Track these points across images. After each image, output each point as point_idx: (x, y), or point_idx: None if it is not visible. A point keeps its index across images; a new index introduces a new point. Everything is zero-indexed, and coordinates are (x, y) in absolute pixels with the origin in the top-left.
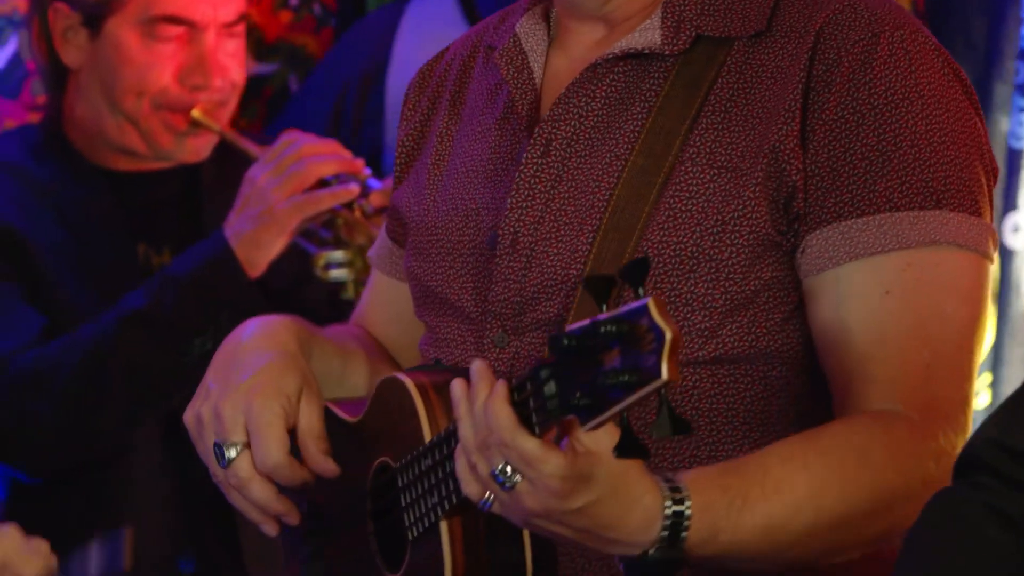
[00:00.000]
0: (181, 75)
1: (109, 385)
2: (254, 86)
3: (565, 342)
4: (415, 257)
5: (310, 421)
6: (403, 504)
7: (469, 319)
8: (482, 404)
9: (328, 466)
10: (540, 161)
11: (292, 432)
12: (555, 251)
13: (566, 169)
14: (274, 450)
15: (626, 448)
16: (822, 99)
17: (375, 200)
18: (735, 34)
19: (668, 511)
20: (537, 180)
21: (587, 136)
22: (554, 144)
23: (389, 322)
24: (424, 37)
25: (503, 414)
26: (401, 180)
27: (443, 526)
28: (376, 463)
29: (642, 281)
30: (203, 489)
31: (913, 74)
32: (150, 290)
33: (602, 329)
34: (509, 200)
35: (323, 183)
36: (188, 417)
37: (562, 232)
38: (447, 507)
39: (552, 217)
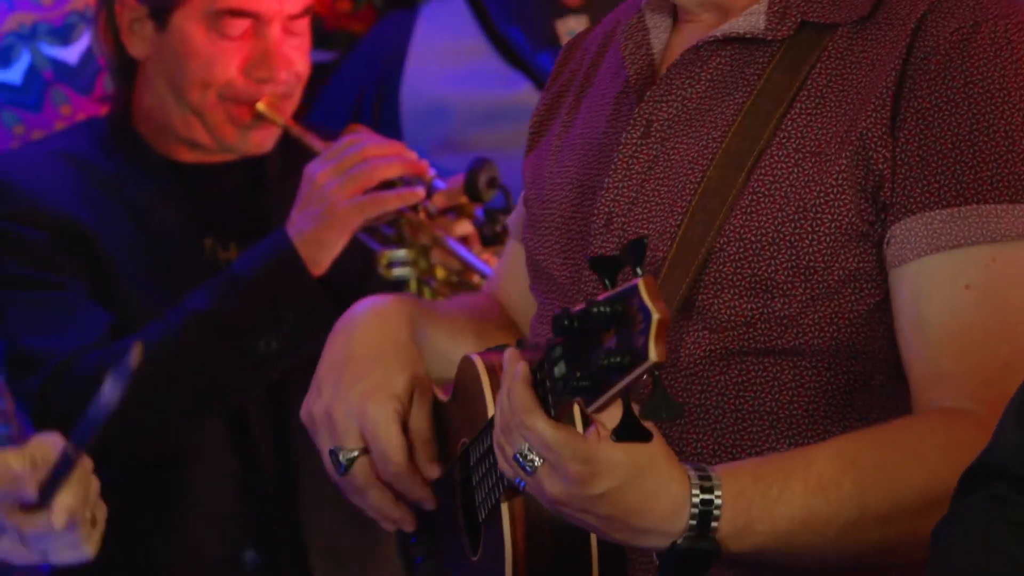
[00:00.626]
0: (246, 68)
1: (174, 386)
2: (314, 73)
3: (566, 322)
4: (530, 229)
5: (418, 424)
6: (473, 484)
7: (565, 295)
8: (506, 386)
9: (433, 471)
10: (639, 142)
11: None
12: (644, 231)
13: (663, 150)
14: (395, 458)
15: (625, 431)
16: (916, 86)
17: (439, 201)
18: (840, 20)
19: (696, 499)
20: (635, 160)
21: (687, 118)
22: (654, 125)
23: (517, 292)
24: (437, 42)
25: (519, 394)
26: (531, 149)
27: (504, 507)
28: (460, 443)
29: (640, 261)
30: (267, 484)
31: (1013, 64)
32: (213, 290)
33: (597, 310)
34: (607, 179)
35: (388, 184)
36: (303, 414)
37: (653, 213)
38: (503, 487)
39: (645, 198)
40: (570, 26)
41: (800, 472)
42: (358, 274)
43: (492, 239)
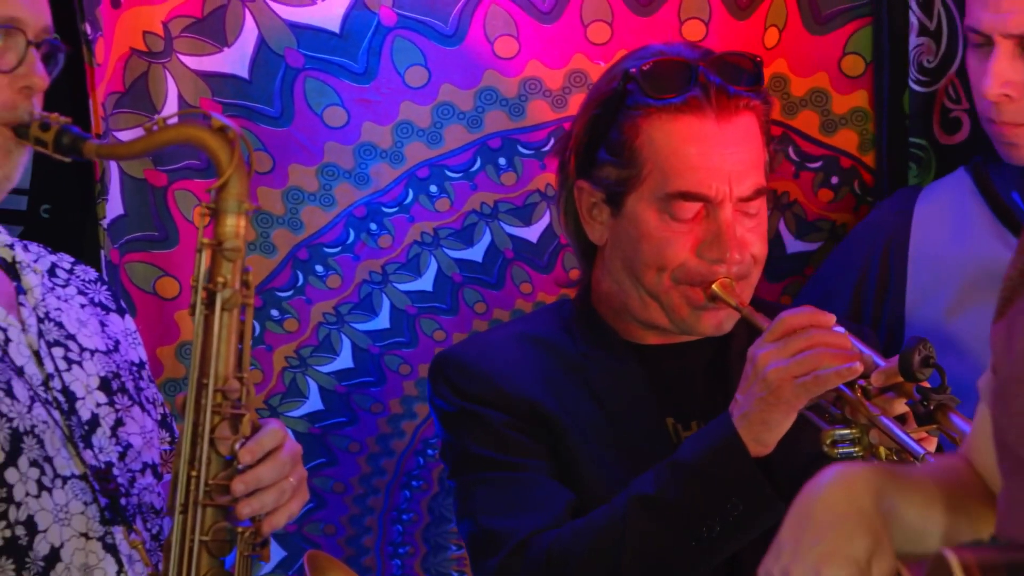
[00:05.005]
0: (699, 250)
1: (619, 570)
2: (796, 263)
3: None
4: (998, 403)
5: None
6: None
7: None
8: None
9: None
10: None
11: None
12: None
13: None
14: None
15: None
16: None
17: (876, 381)
18: None
19: None
20: None
21: None
22: None
23: (991, 460)
24: (940, 212)
25: None
26: (1001, 316)
27: None
28: None
29: None
30: None
31: None
32: (659, 475)
33: None
34: None
35: None
36: (761, 572)
37: None
38: None
39: None
40: None
41: None
42: (809, 456)
43: (926, 418)
